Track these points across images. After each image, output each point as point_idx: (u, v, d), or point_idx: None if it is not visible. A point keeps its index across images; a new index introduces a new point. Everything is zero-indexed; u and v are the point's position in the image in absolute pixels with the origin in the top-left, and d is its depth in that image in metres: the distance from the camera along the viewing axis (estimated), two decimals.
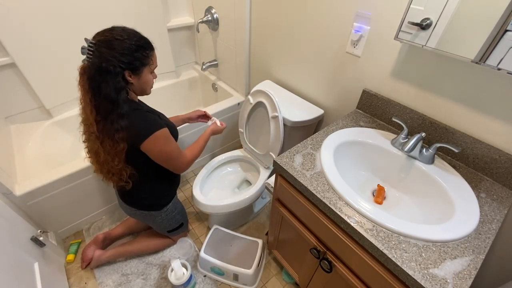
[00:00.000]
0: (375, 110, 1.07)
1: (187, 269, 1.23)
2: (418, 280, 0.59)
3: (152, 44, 0.92)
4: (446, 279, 0.59)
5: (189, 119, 1.33)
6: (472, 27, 0.69)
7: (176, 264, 1.19)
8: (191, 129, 1.60)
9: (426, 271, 0.61)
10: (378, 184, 0.93)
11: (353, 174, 0.93)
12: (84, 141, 1.02)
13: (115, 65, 0.82)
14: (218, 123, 1.29)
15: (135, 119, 0.90)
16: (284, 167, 0.86)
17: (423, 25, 0.76)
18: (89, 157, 1.02)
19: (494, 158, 0.82)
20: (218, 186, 1.48)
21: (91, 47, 0.82)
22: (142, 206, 1.15)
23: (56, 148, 1.57)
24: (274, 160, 0.90)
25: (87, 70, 0.84)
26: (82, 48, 0.83)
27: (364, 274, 0.77)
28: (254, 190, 1.32)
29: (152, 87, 0.99)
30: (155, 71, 0.98)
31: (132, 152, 0.93)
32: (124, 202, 1.15)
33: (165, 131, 0.94)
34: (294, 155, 0.90)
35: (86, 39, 0.83)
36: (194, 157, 1.11)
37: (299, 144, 0.95)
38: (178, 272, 1.19)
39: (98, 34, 0.85)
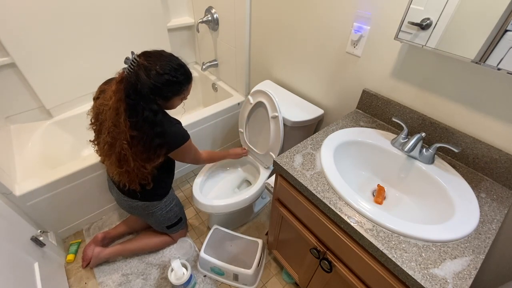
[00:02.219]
0: (375, 110, 1.07)
1: (187, 269, 1.23)
2: (418, 280, 0.59)
3: (191, 77, 0.99)
4: (446, 279, 0.59)
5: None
6: (472, 27, 0.69)
7: (176, 264, 1.19)
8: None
9: (426, 271, 0.61)
10: (378, 184, 0.93)
11: (353, 174, 0.93)
12: (97, 143, 1.07)
13: (148, 92, 0.88)
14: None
15: (170, 133, 0.98)
16: (284, 167, 0.86)
17: (423, 25, 0.76)
18: (107, 161, 1.03)
19: (494, 158, 0.82)
20: (218, 186, 1.48)
21: (133, 64, 0.87)
22: (144, 196, 1.15)
23: (56, 148, 1.57)
24: (274, 160, 0.90)
25: (125, 81, 0.89)
26: (126, 58, 0.88)
27: (364, 274, 0.77)
28: (254, 190, 1.32)
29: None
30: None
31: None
32: (126, 195, 1.15)
33: (190, 141, 1.06)
34: (294, 155, 0.90)
35: (132, 52, 0.89)
36: (208, 160, 1.27)
37: (299, 144, 0.95)
38: (178, 272, 1.19)
39: (144, 54, 0.90)
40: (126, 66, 0.89)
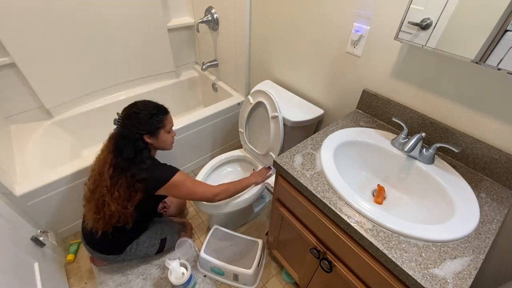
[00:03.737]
0: (375, 110, 1.07)
1: (187, 269, 1.23)
2: (418, 280, 0.59)
3: (166, 109, 1.11)
4: (446, 279, 0.59)
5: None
6: (472, 27, 0.69)
7: (172, 264, 1.18)
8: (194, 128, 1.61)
9: (426, 271, 0.61)
10: (378, 184, 0.93)
11: (353, 174, 0.93)
12: (87, 192, 1.11)
13: (134, 132, 1.02)
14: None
15: (154, 171, 1.05)
16: (284, 167, 0.86)
17: (423, 25, 0.76)
18: (86, 207, 1.10)
19: (494, 158, 0.82)
20: None
21: (119, 120, 1.03)
22: (105, 249, 1.19)
23: (56, 148, 1.57)
24: (274, 160, 0.90)
25: (114, 137, 1.05)
26: (114, 119, 1.04)
27: (364, 274, 0.77)
28: (254, 190, 1.32)
29: (172, 143, 1.17)
30: (174, 129, 1.18)
31: (141, 199, 1.05)
32: (90, 246, 1.19)
33: (178, 176, 1.07)
34: (294, 155, 0.90)
35: (117, 113, 1.05)
36: (224, 194, 1.18)
37: (299, 144, 0.95)
38: (173, 272, 1.19)
39: (124, 109, 1.06)
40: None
